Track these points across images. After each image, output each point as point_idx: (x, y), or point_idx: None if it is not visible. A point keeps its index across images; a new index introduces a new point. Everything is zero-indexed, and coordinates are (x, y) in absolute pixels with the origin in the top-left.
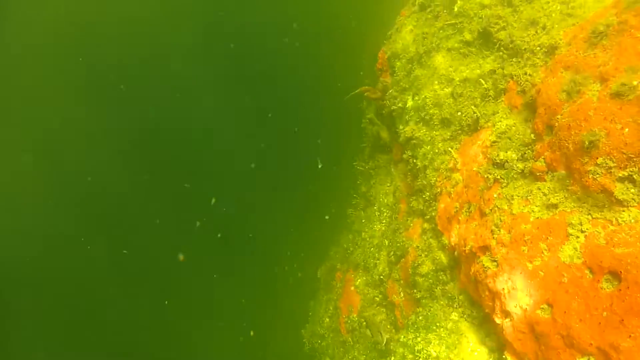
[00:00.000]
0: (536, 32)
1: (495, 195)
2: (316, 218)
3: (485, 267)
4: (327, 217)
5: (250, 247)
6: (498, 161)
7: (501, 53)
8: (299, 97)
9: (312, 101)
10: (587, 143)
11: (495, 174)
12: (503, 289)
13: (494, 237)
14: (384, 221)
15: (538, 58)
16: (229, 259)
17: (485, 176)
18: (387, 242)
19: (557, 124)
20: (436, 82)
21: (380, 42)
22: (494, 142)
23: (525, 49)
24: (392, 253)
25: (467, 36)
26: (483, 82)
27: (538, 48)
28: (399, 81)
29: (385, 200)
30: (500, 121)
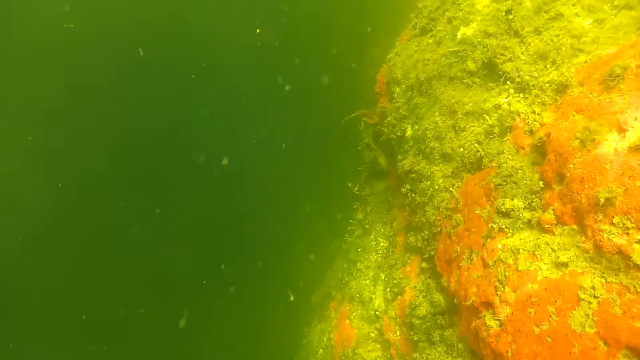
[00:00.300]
0: (545, 66)
1: (499, 246)
2: (310, 242)
3: (488, 326)
4: (312, 257)
5: (244, 271)
6: (503, 210)
7: (507, 86)
8: (294, 116)
9: (308, 121)
10: (602, 200)
11: (500, 223)
12: (507, 351)
13: (497, 294)
14: (380, 252)
15: (547, 96)
16: (217, 284)
17: (490, 226)
18: (383, 276)
19: (568, 174)
20: (437, 113)
21: (379, 63)
22: (499, 185)
23: (533, 85)
24: (388, 289)
25: (471, 66)
26: (487, 118)
27: (547, 85)
28: (398, 108)
29: (382, 230)
30: (506, 162)
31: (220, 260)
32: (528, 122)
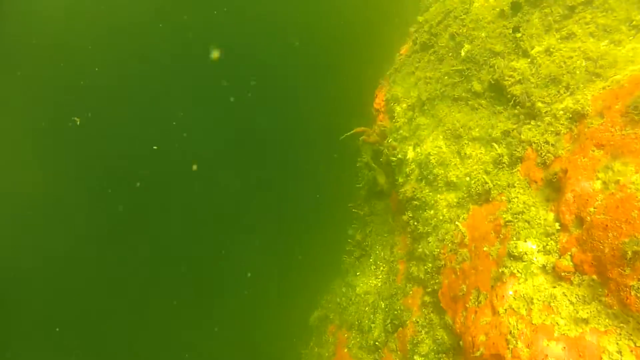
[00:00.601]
0: (558, 92)
1: (510, 293)
2: (308, 260)
3: None
4: (309, 275)
5: (239, 287)
6: (516, 254)
7: (516, 111)
8: (292, 131)
9: (305, 137)
10: (629, 253)
11: (512, 267)
12: None
13: (509, 348)
14: (380, 277)
15: (561, 124)
16: (212, 299)
17: (501, 270)
18: (383, 305)
19: (589, 218)
20: (441, 137)
21: (377, 77)
22: (509, 221)
23: (545, 112)
24: (388, 320)
25: (477, 86)
26: (496, 147)
27: (561, 112)
28: (399, 128)
29: (382, 254)
30: (517, 197)
31: (214, 273)
32: (541, 153)
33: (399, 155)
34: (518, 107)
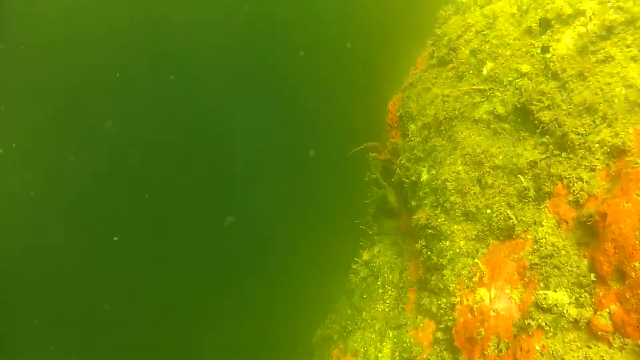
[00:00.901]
0: (593, 122)
1: (537, 348)
2: (312, 276)
3: None
4: (313, 292)
5: (242, 300)
6: (545, 306)
7: (545, 140)
8: (299, 142)
9: (313, 148)
10: None
11: (539, 320)
12: None
13: None
14: (387, 301)
15: (597, 159)
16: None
17: (527, 322)
18: (391, 334)
19: (634, 274)
20: (459, 162)
21: (390, 89)
22: (535, 264)
23: (579, 144)
24: (397, 353)
25: (500, 109)
26: (522, 179)
27: (597, 146)
28: (413, 148)
29: (391, 277)
30: (545, 238)
31: (218, 288)
32: (573, 190)
33: (412, 177)
34: (547, 135)
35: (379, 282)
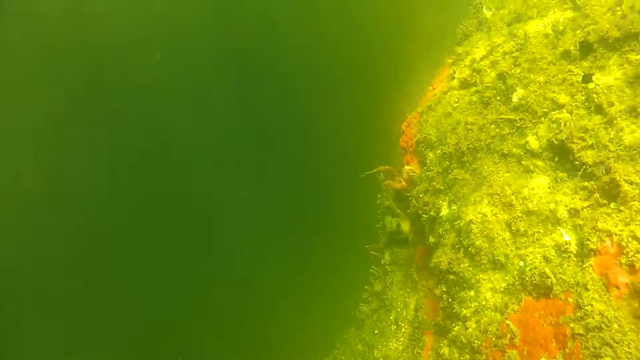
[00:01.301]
0: None
1: None
2: (320, 303)
3: None
4: (320, 318)
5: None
6: None
7: (588, 185)
8: (307, 158)
9: (321, 165)
10: None
11: None
12: None
13: None
14: (401, 339)
15: None
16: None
17: None
18: None
19: None
20: (486, 201)
21: (403, 106)
22: (579, 334)
23: (632, 196)
24: None
25: (533, 143)
26: (562, 232)
27: None
28: (432, 179)
29: (405, 313)
30: (591, 305)
31: (221, 307)
32: (625, 250)
33: (432, 212)
34: (591, 180)
35: (391, 317)
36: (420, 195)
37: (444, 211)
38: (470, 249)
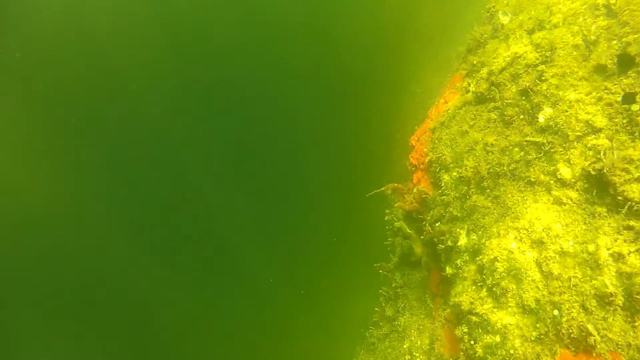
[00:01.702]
0: None
1: None
2: (327, 323)
3: None
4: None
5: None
6: None
7: (635, 224)
8: (309, 171)
9: (324, 178)
10: None
11: None
12: None
13: None
14: None
15: None
16: None
17: None
18: None
19: None
20: (511, 235)
21: (410, 116)
22: None
23: None
24: None
25: (565, 172)
26: (606, 282)
27: None
28: (448, 204)
29: (419, 343)
30: None
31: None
32: None
33: (449, 242)
34: (639, 220)
35: (405, 346)
36: (437, 225)
37: (462, 240)
38: (495, 289)
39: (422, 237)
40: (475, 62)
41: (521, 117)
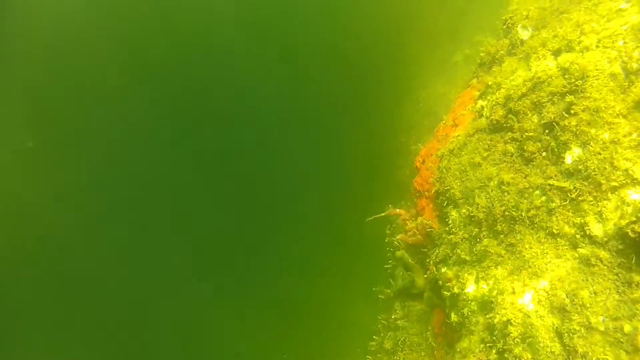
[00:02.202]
0: None
1: None
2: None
3: None
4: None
5: None
6: None
7: None
8: (308, 188)
9: (322, 195)
10: None
11: None
12: None
13: None
14: None
15: None
16: None
17: None
18: None
19: None
20: (527, 293)
21: (415, 138)
22: None
23: None
24: None
25: (595, 227)
26: None
27: None
28: (455, 245)
29: None
30: None
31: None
32: None
33: (455, 289)
34: None
35: None
36: (442, 268)
37: (470, 287)
38: (506, 354)
39: (425, 276)
40: (490, 82)
41: (544, 154)
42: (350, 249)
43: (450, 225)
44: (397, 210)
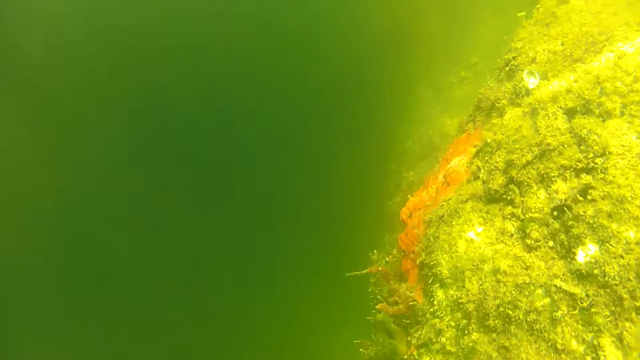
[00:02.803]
0: None
1: None
2: None
3: None
4: None
5: None
6: None
7: None
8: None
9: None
10: None
11: None
12: None
13: None
14: None
15: None
16: None
17: None
18: None
19: None
20: None
21: (406, 162)
22: None
23: None
24: None
25: (611, 351)
26: None
27: None
28: (440, 332)
29: None
30: None
31: None
32: None
33: None
34: None
35: None
36: (423, 335)
37: None
38: None
39: (407, 339)
40: (489, 140)
41: (550, 243)
42: (333, 298)
43: (436, 307)
44: (380, 268)
